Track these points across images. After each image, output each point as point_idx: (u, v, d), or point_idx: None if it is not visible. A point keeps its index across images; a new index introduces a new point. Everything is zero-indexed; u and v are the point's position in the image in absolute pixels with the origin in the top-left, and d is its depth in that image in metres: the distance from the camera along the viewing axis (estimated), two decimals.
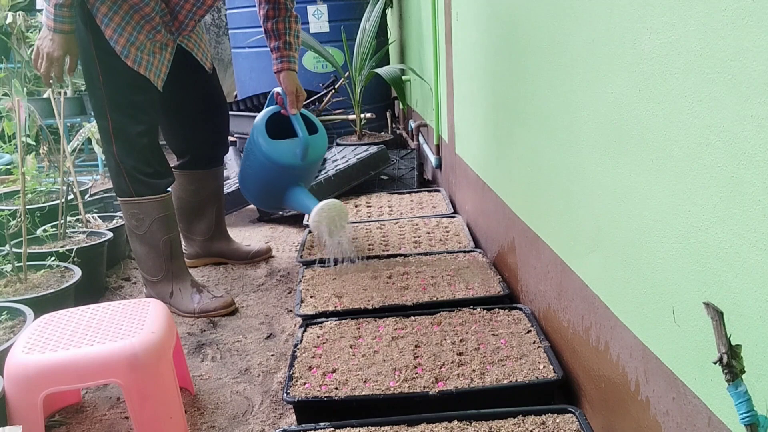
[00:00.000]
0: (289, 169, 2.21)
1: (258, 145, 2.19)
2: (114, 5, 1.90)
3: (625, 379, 1.14)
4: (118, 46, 1.92)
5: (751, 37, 0.73)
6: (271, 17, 2.20)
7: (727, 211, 0.80)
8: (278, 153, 2.18)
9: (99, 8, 1.90)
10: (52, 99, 2.51)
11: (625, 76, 1.05)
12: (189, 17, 2.06)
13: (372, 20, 3.59)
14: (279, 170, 2.21)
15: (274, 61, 2.25)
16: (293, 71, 2.24)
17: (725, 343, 0.62)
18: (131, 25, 1.93)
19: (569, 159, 1.34)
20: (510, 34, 1.72)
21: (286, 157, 2.19)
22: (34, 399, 1.31)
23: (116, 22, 1.91)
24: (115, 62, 1.94)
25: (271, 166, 2.20)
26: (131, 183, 2.03)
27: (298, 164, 2.21)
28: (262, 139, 2.19)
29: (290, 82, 2.22)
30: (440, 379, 1.41)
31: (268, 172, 2.23)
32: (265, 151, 2.18)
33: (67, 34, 1.87)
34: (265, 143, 2.18)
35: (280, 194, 2.27)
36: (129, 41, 1.93)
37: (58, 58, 1.89)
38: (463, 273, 1.95)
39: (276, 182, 2.25)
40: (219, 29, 5.95)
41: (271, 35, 2.22)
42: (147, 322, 1.45)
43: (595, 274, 1.26)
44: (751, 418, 0.63)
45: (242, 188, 2.41)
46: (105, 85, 1.96)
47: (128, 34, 1.93)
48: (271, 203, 2.46)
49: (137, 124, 2.00)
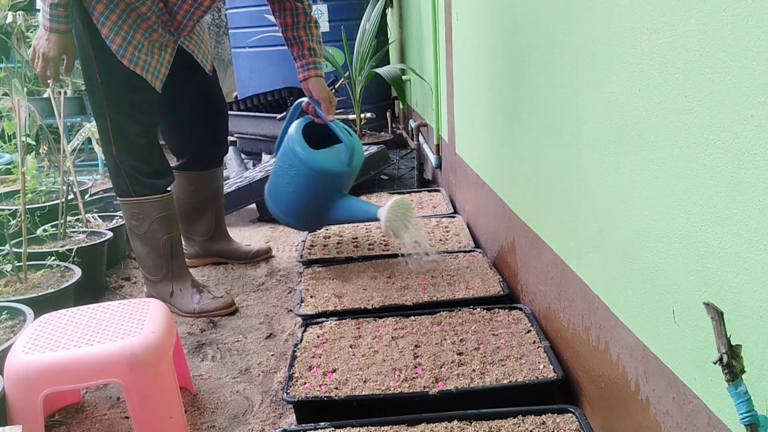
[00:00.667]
0: (338, 177, 2.06)
1: (300, 158, 2.01)
2: (110, 4, 1.89)
3: (625, 379, 1.14)
4: (114, 45, 1.91)
5: (751, 37, 0.73)
6: (290, 25, 2.14)
7: (727, 211, 0.80)
8: (325, 162, 2.02)
9: (95, 6, 1.89)
10: (52, 99, 2.51)
11: (625, 76, 1.05)
12: (187, 18, 2.04)
13: (372, 20, 3.59)
14: (327, 180, 2.04)
15: (299, 69, 2.16)
16: (321, 77, 2.16)
17: (725, 343, 0.62)
18: (128, 23, 1.92)
19: (569, 159, 1.34)
20: (510, 33, 1.72)
21: (333, 165, 2.03)
22: (34, 399, 1.31)
23: (112, 20, 1.90)
24: (113, 62, 1.93)
25: (318, 178, 2.02)
26: (130, 183, 2.02)
27: (346, 170, 2.06)
28: (305, 151, 2.01)
29: (321, 88, 2.13)
30: (440, 379, 1.41)
31: (315, 184, 2.04)
32: (310, 162, 2.00)
33: (63, 34, 1.86)
34: (309, 154, 2.01)
35: (327, 208, 2.10)
36: (125, 40, 1.92)
37: (54, 58, 1.88)
38: (463, 273, 1.95)
39: (323, 195, 2.07)
40: (219, 29, 5.95)
41: (293, 43, 2.15)
42: (147, 321, 1.45)
43: (595, 274, 1.26)
44: (751, 418, 0.63)
45: (276, 209, 2.19)
46: (103, 85, 1.95)
47: (125, 32, 1.92)
48: (314, 221, 2.24)
49: (136, 125, 1.99)
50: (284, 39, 2.18)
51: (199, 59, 2.21)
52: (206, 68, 2.25)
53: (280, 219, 2.21)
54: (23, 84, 3.39)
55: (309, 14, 2.16)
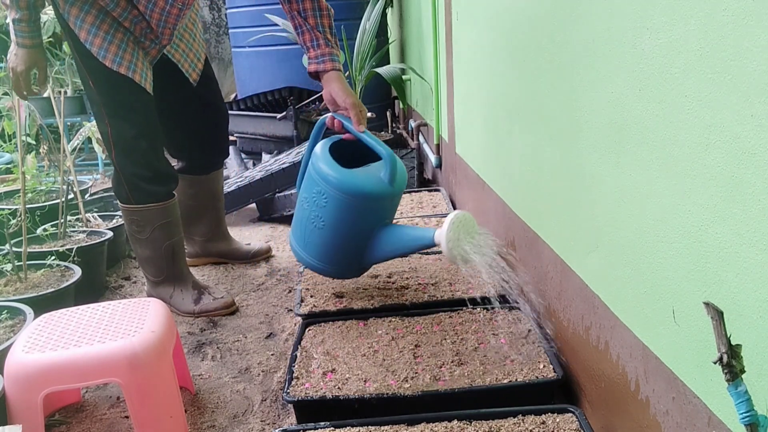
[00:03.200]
0: (379, 200, 1.65)
1: (329, 181, 1.61)
2: (85, 5, 1.83)
3: (625, 378, 1.14)
4: (94, 48, 1.85)
5: (751, 37, 0.73)
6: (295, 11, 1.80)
7: (727, 211, 0.80)
8: (362, 183, 1.62)
9: (70, 11, 1.83)
10: (53, 98, 2.51)
11: (625, 76, 1.05)
12: (161, 26, 1.95)
13: (372, 20, 3.59)
14: (366, 205, 1.63)
15: (310, 61, 1.80)
16: (339, 70, 1.79)
17: (725, 342, 0.62)
18: (107, 23, 1.86)
19: (569, 158, 1.34)
20: (510, 33, 1.72)
21: (372, 185, 1.63)
22: (34, 398, 1.31)
23: (89, 22, 1.84)
24: (98, 65, 1.87)
25: (355, 203, 1.61)
26: (131, 191, 1.99)
27: (389, 191, 1.65)
28: (336, 172, 1.61)
29: (346, 90, 1.73)
30: (440, 378, 1.41)
31: (352, 213, 1.63)
32: (343, 185, 1.60)
33: (30, 48, 1.85)
34: (342, 175, 1.61)
35: (370, 242, 1.67)
36: (106, 41, 1.85)
37: (22, 73, 1.87)
38: (463, 273, 1.95)
39: (363, 226, 1.65)
40: (219, 28, 5.94)
41: (304, 31, 1.80)
42: (147, 321, 1.45)
43: (595, 274, 1.26)
44: (751, 417, 0.63)
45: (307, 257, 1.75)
46: (97, 88, 1.91)
47: (104, 33, 1.85)
48: (357, 262, 1.74)
49: (133, 127, 1.93)
50: (293, 27, 1.84)
51: (184, 69, 2.13)
52: (191, 77, 2.16)
53: (313, 267, 1.77)
54: None
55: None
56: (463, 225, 1.50)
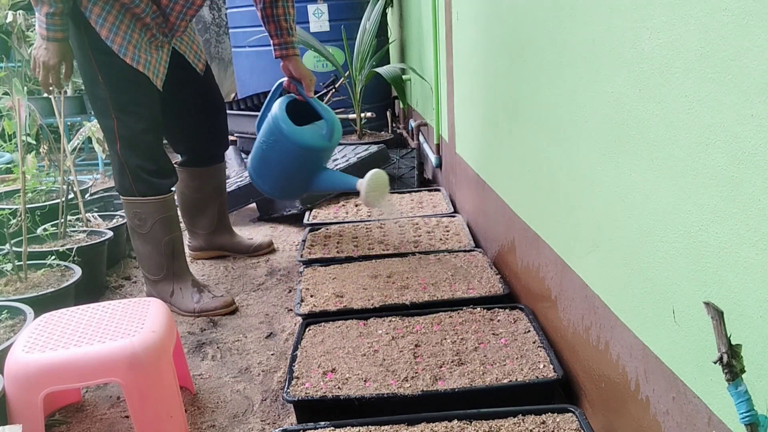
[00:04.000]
0: (321, 151, 2.22)
1: (285, 134, 2.15)
2: (106, 5, 1.91)
3: (625, 378, 1.14)
4: (115, 45, 1.93)
5: (751, 37, 0.73)
6: (268, 3, 2.15)
7: (727, 211, 0.80)
8: (307, 137, 2.17)
9: (92, 9, 1.90)
10: (53, 98, 2.51)
11: (625, 76, 1.05)
12: (180, 18, 2.06)
13: (372, 19, 3.59)
14: (308, 155, 2.19)
15: (276, 47, 2.21)
16: (298, 56, 2.24)
17: (725, 342, 0.62)
18: (125, 23, 1.94)
19: (569, 158, 1.34)
20: (510, 33, 1.72)
21: (315, 140, 2.19)
22: (35, 398, 1.31)
23: (110, 21, 1.92)
24: (114, 61, 1.95)
25: (300, 152, 2.17)
26: (135, 182, 2.04)
27: (327, 145, 2.22)
28: (290, 128, 2.16)
29: (300, 67, 2.22)
30: (440, 378, 1.41)
31: (296, 158, 2.19)
32: (293, 137, 2.15)
33: (61, 42, 1.89)
34: (294, 131, 2.16)
35: (307, 180, 2.26)
36: (125, 39, 1.94)
37: (54, 66, 1.91)
38: (463, 272, 1.95)
39: (303, 168, 2.23)
40: (219, 28, 5.94)
41: (270, 21, 2.18)
42: (147, 321, 1.45)
43: (595, 274, 1.26)
44: (751, 417, 0.63)
45: (260, 182, 2.34)
46: (107, 85, 1.97)
47: (123, 32, 1.94)
48: (295, 192, 2.45)
49: (141, 122, 2.01)
50: (261, 17, 2.19)
51: (190, 59, 2.22)
52: (198, 68, 2.26)
53: (265, 191, 2.40)
54: (23, 83, 3.38)
55: None
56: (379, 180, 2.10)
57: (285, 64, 2.22)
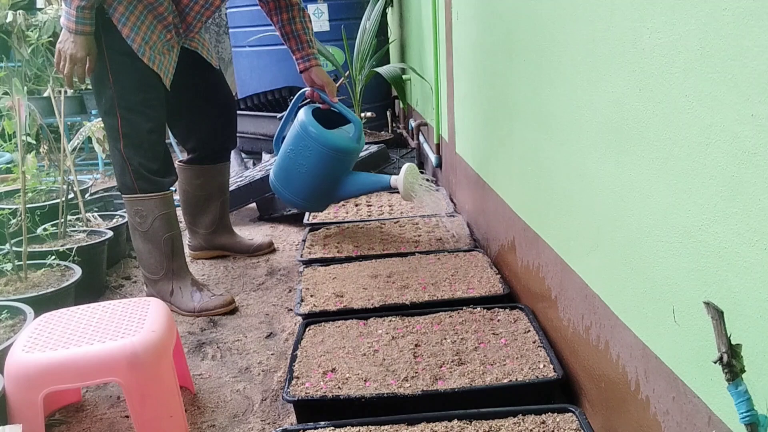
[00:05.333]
0: (350, 153, 2.26)
1: (315, 137, 2.19)
2: (130, 5, 1.95)
3: (625, 378, 1.14)
4: (134, 45, 1.97)
5: (751, 37, 0.73)
6: (286, 20, 2.26)
7: (727, 211, 0.80)
8: (339, 140, 2.22)
9: (116, 8, 1.94)
10: (53, 98, 2.51)
11: (625, 75, 1.05)
12: (197, 19, 2.12)
13: (372, 19, 3.59)
14: (341, 157, 2.23)
15: (300, 61, 2.30)
16: (320, 65, 2.32)
17: (725, 342, 0.62)
18: (146, 24, 1.98)
19: (569, 158, 1.34)
20: (510, 33, 1.72)
21: (346, 142, 2.23)
22: (35, 398, 1.31)
23: (132, 21, 1.96)
24: (127, 61, 1.98)
25: (333, 155, 2.21)
26: (136, 180, 2.06)
27: (357, 147, 2.28)
28: (319, 131, 2.20)
29: (322, 75, 2.30)
30: (440, 378, 1.41)
31: (330, 162, 2.22)
32: (326, 141, 2.19)
33: (88, 36, 1.91)
34: (324, 133, 2.20)
35: (339, 184, 2.29)
36: (144, 40, 1.98)
37: (82, 59, 1.93)
38: (464, 272, 1.95)
39: (334, 171, 2.26)
40: (219, 28, 5.94)
41: (291, 37, 2.28)
42: (147, 321, 1.45)
43: (595, 274, 1.26)
44: (751, 417, 0.63)
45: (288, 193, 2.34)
46: (115, 83, 1.99)
47: (143, 33, 1.98)
48: (324, 198, 2.41)
49: (147, 121, 2.04)
50: (281, 34, 2.30)
51: (204, 55, 2.27)
52: (213, 63, 2.31)
53: (289, 201, 2.39)
54: (23, 83, 3.38)
55: (302, 8, 2.29)
56: (415, 172, 2.20)
57: (307, 74, 2.30)
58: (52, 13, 3.52)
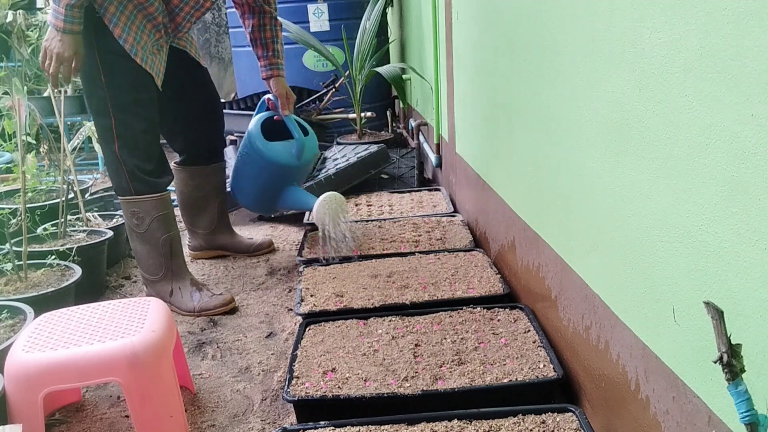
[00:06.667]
0: (286, 168, 2.34)
1: (255, 148, 2.31)
2: (120, 5, 1.94)
3: (625, 378, 1.14)
4: (127, 45, 1.96)
5: (751, 37, 0.73)
6: (256, 26, 2.33)
7: (727, 211, 0.80)
8: (276, 154, 2.31)
9: (107, 8, 1.93)
10: (53, 98, 2.51)
11: (625, 75, 1.05)
12: (186, 19, 2.12)
13: (372, 19, 3.58)
14: (276, 170, 2.33)
15: (262, 68, 2.37)
16: (282, 77, 2.39)
17: (725, 342, 0.62)
18: (136, 24, 1.98)
19: (569, 158, 1.34)
20: (510, 32, 1.72)
21: (283, 157, 2.32)
22: (35, 397, 1.31)
23: (123, 21, 1.95)
24: (119, 61, 1.97)
25: (268, 167, 2.32)
26: (132, 181, 2.05)
27: (295, 164, 2.34)
28: (259, 142, 2.30)
29: (281, 86, 2.37)
30: (440, 378, 1.41)
31: (266, 173, 2.34)
32: (263, 152, 2.30)
33: (76, 35, 1.90)
34: (263, 145, 2.30)
35: (276, 195, 2.39)
36: (135, 39, 1.97)
37: (69, 58, 1.91)
38: (464, 272, 1.95)
39: (273, 183, 2.37)
40: (219, 28, 5.94)
41: (258, 44, 2.36)
42: (147, 320, 1.45)
43: (595, 273, 1.26)
44: (751, 417, 0.63)
45: (237, 192, 2.48)
46: (108, 84, 1.98)
47: (134, 32, 1.97)
48: (267, 205, 2.53)
49: (141, 122, 2.03)
50: (249, 39, 2.37)
51: (193, 54, 2.28)
52: (201, 62, 2.32)
53: (240, 201, 2.55)
54: (23, 83, 3.38)
55: (275, 15, 2.36)
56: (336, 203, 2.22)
57: (268, 82, 2.39)
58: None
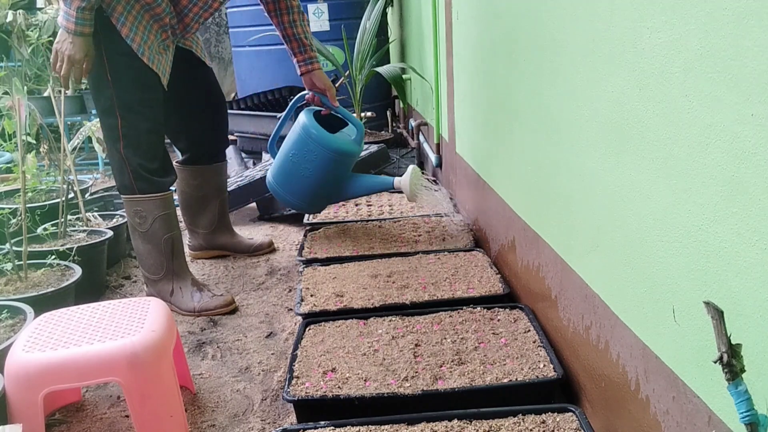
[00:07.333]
0: (353, 156, 2.31)
1: (319, 141, 2.22)
2: (128, 5, 1.95)
3: (625, 378, 1.14)
4: (134, 44, 1.97)
5: (751, 37, 0.73)
6: (287, 23, 2.28)
7: (727, 211, 0.80)
8: (341, 144, 2.26)
9: (115, 8, 1.94)
10: (53, 98, 2.51)
11: (625, 75, 1.05)
12: (194, 20, 2.12)
13: (372, 19, 3.59)
14: (344, 160, 2.27)
15: (300, 64, 2.32)
16: (321, 69, 2.35)
17: (725, 342, 0.62)
18: (143, 24, 1.99)
19: (569, 158, 1.34)
20: (510, 32, 1.72)
21: (349, 146, 2.28)
22: (35, 397, 1.31)
23: (131, 21, 1.96)
24: (126, 61, 1.98)
25: (335, 158, 2.24)
26: (135, 180, 2.05)
27: (358, 150, 2.34)
28: (323, 135, 2.23)
29: (324, 78, 2.34)
30: (440, 378, 1.41)
31: (331, 165, 2.25)
32: (330, 144, 2.23)
33: (87, 37, 1.91)
34: (328, 137, 2.23)
35: (341, 186, 2.33)
36: (143, 39, 1.98)
37: (80, 60, 1.92)
38: (464, 272, 1.95)
39: (337, 174, 2.30)
40: (219, 28, 5.94)
41: (293, 39, 2.30)
42: (147, 320, 1.45)
43: (595, 273, 1.26)
44: (751, 417, 0.63)
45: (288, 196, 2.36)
46: (114, 83, 1.99)
47: (141, 32, 1.98)
48: (323, 201, 2.45)
49: (146, 121, 2.04)
50: (282, 36, 2.32)
51: (199, 54, 2.28)
52: (206, 61, 2.32)
53: (288, 203, 2.42)
54: (23, 83, 3.38)
55: (301, 11, 2.32)
56: (417, 173, 2.28)
57: (308, 78, 2.33)
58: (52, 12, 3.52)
